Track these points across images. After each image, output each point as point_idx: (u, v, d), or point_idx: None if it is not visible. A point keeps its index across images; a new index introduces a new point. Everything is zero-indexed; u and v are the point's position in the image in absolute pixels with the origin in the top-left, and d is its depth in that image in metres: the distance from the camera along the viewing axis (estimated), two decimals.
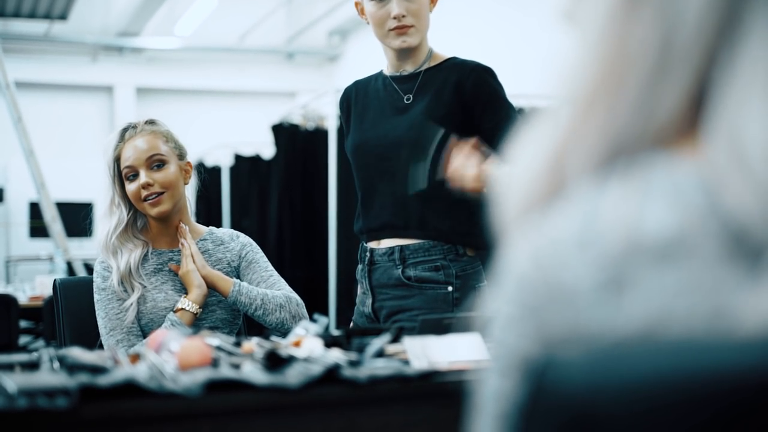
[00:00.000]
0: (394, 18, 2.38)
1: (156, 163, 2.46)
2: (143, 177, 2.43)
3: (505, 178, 2.04)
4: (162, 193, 2.44)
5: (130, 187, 2.45)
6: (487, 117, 2.35)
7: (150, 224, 2.51)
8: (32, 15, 9.46)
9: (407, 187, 2.36)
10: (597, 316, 0.60)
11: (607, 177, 0.63)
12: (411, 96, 2.43)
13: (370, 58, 2.61)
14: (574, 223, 0.62)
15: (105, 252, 2.44)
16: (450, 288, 2.35)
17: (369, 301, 2.48)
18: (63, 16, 9.53)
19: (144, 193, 2.43)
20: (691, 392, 0.56)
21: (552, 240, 0.62)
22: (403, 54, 2.46)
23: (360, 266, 2.52)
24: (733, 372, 0.56)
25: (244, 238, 2.59)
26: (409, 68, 2.49)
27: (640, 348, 0.58)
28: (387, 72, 2.54)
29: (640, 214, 0.60)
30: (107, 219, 2.47)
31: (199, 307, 2.40)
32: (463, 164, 2.17)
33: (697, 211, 0.60)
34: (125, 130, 2.50)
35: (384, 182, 2.44)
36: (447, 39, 8.52)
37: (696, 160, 0.63)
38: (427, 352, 1.75)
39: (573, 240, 0.61)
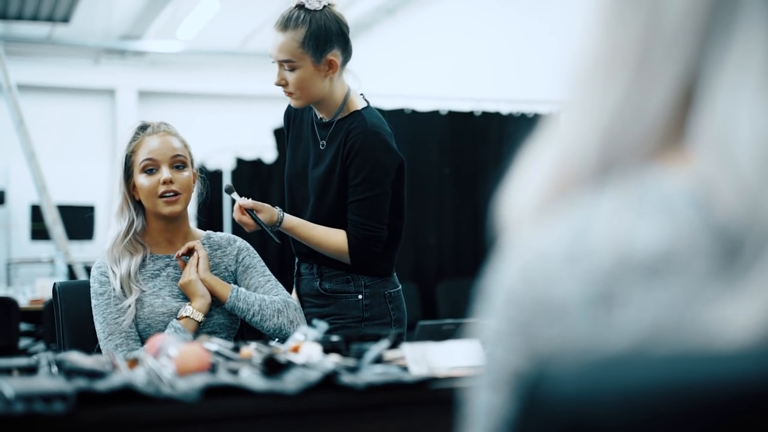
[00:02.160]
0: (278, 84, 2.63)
1: (179, 163, 2.46)
2: (166, 173, 2.43)
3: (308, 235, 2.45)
4: (179, 194, 2.44)
5: (146, 181, 2.43)
6: (349, 182, 2.60)
7: (150, 227, 2.50)
8: (35, 18, 9.46)
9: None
10: (586, 331, 0.59)
11: (599, 191, 0.63)
12: (325, 143, 2.65)
13: (371, 62, 2.62)
14: (563, 238, 0.61)
15: (109, 257, 2.43)
16: (360, 296, 2.65)
17: None
18: (65, 19, 9.53)
19: (162, 188, 2.42)
20: (684, 404, 0.56)
21: (541, 254, 0.62)
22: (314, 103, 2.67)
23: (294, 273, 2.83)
24: (724, 384, 0.56)
25: (241, 243, 2.59)
26: (324, 116, 2.67)
27: (632, 359, 0.58)
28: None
29: (631, 229, 0.60)
30: (117, 221, 2.46)
31: (204, 316, 2.40)
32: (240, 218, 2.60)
33: (688, 226, 0.60)
34: (143, 127, 2.50)
35: (304, 217, 2.69)
36: (451, 43, 8.53)
37: (686, 170, 0.62)
38: (427, 358, 1.75)
39: (562, 255, 0.61)
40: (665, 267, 0.59)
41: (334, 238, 2.61)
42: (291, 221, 2.62)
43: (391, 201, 2.64)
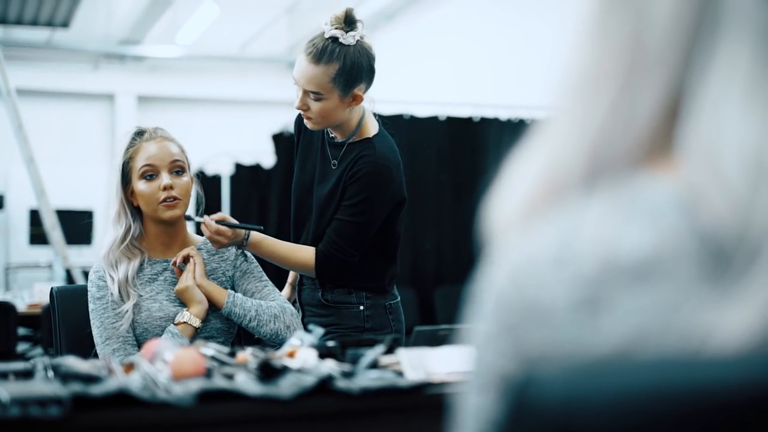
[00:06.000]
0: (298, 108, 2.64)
1: (177, 168, 2.46)
2: (166, 178, 2.42)
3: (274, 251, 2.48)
4: (179, 199, 2.44)
5: (146, 187, 2.43)
6: (342, 200, 2.61)
7: (147, 232, 2.50)
8: (34, 22, 9.47)
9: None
10: (573, 335, 0.60)
11: (587, 196, 0.63)
12: (336, 162, 2.65)
13: None
14: (551, 242, 0.62)
15: (105, 262, 2.43)
16: (362, 307, 2.66)
17: (300, 315, 2.73)
18: (65, 24, 9.54)
19: (163, 194, 2.42)
20: (671, 409, 0.56)
21: (529, 258, 0.62)
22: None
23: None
24: (711, 389, 0.56)
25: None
26: (337, 136, 2.67)
27: (619, 364, 0.59)
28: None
29: (617, 234, 0.60)
30: (114, 227, 2.45)
31: (201, 322, 2.40)
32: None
33: (675, 232, 0.60)
34: (140, 132, 2.49)
35: (306, 230, 2.73)
36: (450, 48, 8.54)
37: (675, 177, 0.62)
38: (423, 363, 1.75)
39: (549, 259, 0.61)
40: (651, 272, 0.59)
41: (301, 254, 2.62)
42: (256, 236, 2.59)
43: (387, 227, 2.64)
